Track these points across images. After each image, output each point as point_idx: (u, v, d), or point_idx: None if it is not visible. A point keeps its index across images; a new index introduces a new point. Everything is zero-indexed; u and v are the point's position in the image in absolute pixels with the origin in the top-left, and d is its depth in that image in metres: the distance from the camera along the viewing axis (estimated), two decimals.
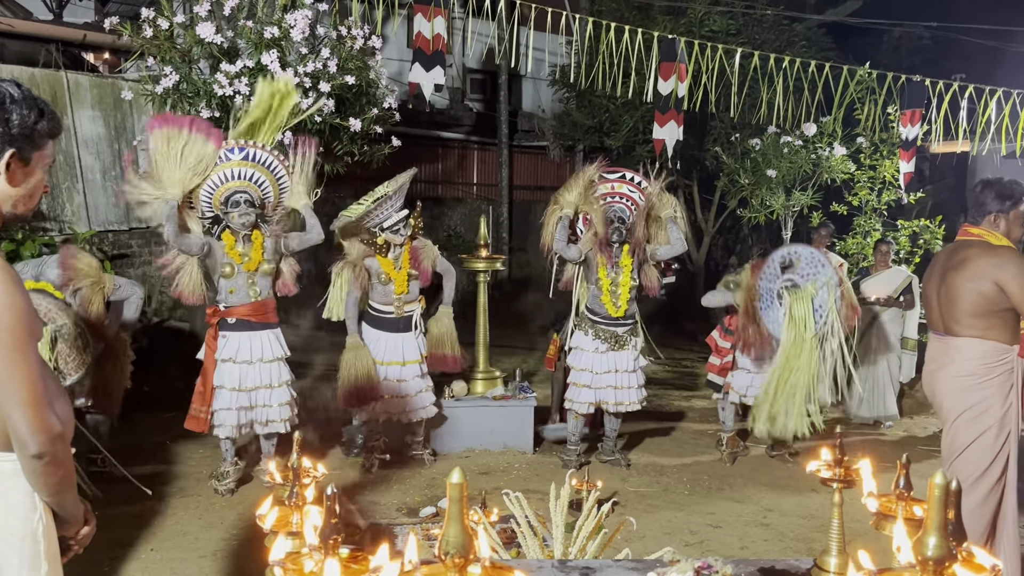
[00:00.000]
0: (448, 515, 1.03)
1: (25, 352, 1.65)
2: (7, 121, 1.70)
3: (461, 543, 1.02)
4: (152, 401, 6.32)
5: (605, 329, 5.48)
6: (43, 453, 1.65)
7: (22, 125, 1.71)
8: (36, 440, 1.64)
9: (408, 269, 5.39)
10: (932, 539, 1.07)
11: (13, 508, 1.73)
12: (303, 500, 1.57)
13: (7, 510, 1.73)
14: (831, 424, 7.13)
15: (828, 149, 8.85)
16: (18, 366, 1.63)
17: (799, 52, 9.68)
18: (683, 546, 4.34)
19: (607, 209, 5.45)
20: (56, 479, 1.72)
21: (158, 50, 5.70)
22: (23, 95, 1.73)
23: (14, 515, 1.73)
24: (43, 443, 1.65)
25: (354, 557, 1.22)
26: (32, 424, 1.63)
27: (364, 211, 5.21)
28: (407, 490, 5.08)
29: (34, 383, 1.65)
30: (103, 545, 4.04)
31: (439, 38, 7.53)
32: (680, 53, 7.77)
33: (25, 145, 1.74)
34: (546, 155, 14.31)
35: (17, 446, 1.67)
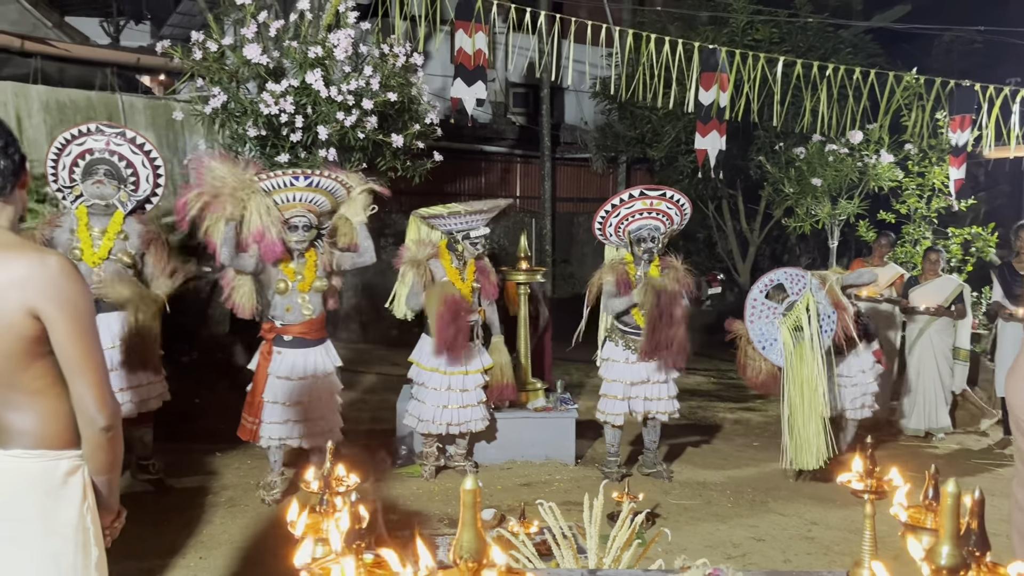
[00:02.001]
0: (461, 520, 1.06)
1: (95, 337, 1.87)
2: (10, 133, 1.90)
3: (474, 548, 1.05)
4: (201, 412, 6.48)
5: (636, 339, 5.47)
6: (110, 426, 1.86)
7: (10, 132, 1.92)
8: (104, 414, 1.85)
9: (472, 281, 5.46)
10: (945, 548, 1.06)
11: (69, 501, 1.89)
12: (333, 507, 1.62)
13: (65, 504, 1.89)
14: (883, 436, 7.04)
15: (875, 156, 8.72)
16: (90, 349, 1.85)
17: (845, 59, 9.58)
18: (725, 559, 4.30)
19: (642, 226, 5.44)
20: (115, 455, 1.93)
21: (207, 71, 5.87)
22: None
23: (70, 508, 1.90)
24: (109, 416, 1.86)
25: (378, 563, 1.26)
26: (100, 400, 1.84)
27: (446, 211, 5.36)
28: (449, 501, 5.12)
29: (102, 364, 1.87)
30: (154, 553, 4.16)
31: (480, 53, 7.62)
32: (721, 63, 7.74)
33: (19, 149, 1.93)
34: (589, 167, 14.33)
35: (86, 422, 1.86)
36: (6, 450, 1.86)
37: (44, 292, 1.78)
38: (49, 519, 1.86)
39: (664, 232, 5.46)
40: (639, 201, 5.42)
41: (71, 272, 1.82)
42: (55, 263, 1.81)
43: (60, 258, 1.83)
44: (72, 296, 1.81)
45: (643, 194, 5.46)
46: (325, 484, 1.63)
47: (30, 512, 1.85)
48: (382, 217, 11.54)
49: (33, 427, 1.85)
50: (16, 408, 1.85)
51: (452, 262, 5.44)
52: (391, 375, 8.40)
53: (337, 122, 5.74)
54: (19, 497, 1.85)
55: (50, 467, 1.86)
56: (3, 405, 1.86)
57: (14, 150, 1.88)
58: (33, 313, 1.79)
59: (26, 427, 1.85)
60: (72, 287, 1.81)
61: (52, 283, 1.79)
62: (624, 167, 14.35)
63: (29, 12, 10.00)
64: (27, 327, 1.80)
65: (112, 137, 4.90)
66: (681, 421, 6.75)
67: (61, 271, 1.80)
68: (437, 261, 5.43)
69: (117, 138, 4.91)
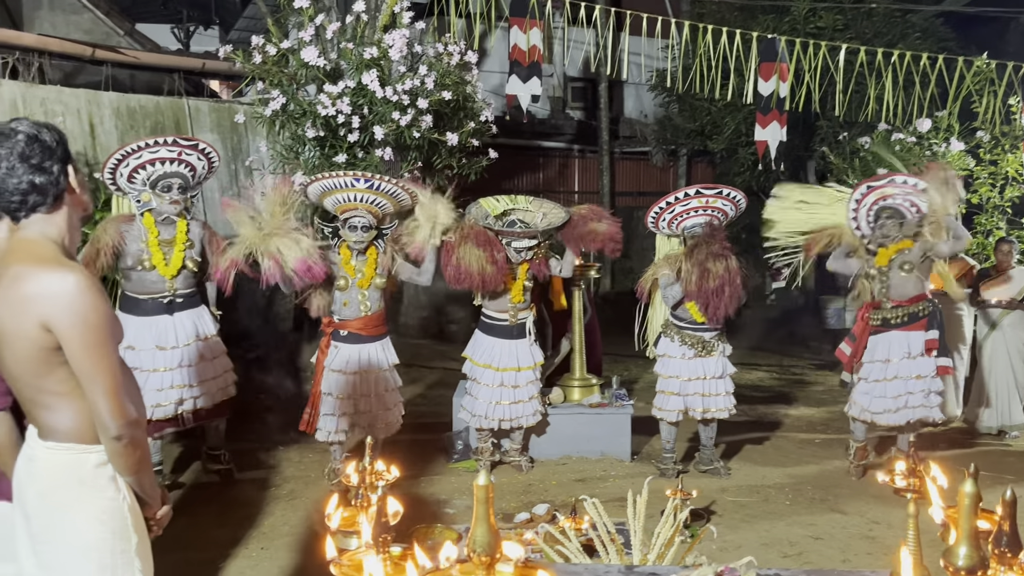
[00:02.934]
0: (475, 515, 1.09)
1: (108, 349, 1.94)
2: (50, 147, 1.96)
3: (488, 543, 1.08)
4: (265, 406, 6.66)
5: (692, 335, 5.42)
6: (122, 435, 1.93)
7: (57, 144, 1.98)
8: (116, 424, 1.92)
9: (524, 280, 5.49)
10: (963, 549, 1.04)
11: (101, 492, 2.00)
12: (368, 502, 1.67)
13: (97, 494, 2.00)
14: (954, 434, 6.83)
15: (944, 145, 8.42)
16: (102, 361, 1.92)
17: (913, 44, 9.29)
18: (781, 557, 4.25)
19: (697, 223, 5.38)
20: (134, 459, 1.99)
21: (267, 75, 6.03)
22: (33, 124, 1.97)
23: (103, 498, 2.00)
24: (121, 426, 1.92)
25: (404, 555, 1.30)
26: (112, 411, 1.91)
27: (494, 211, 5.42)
28: (503, 495, 5.16)
29: (114, 375, 1.94)
30: (218, 543, 4.31)
31: (535, 49, 7.64)
32: (780, 52, 7.59)
33: (68, 155, 2.01)
34: (648, 160, 14.21)
35: (101, 431, 1.94)
36: (44, 442, 1.99)
37: (58, 308, 1.87)
38: (87, 507, 1.97)
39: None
40: (695, 200, 5.38)
41: (87, 289, 1.90)
42: (72, 281, 1.89)
43: (79, 275, 1.91)
44: (84, 312, 1.88)
45: (699, 193, 5.42)
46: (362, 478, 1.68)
47: (70, 500, 1.97)
48: None
49: (62, 424, 1.97)
50: (45, 407, 1.97)
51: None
52: (449, 369, 8.49)
53: (393, 122, 5.82)
54: (58, 485, 1.97)
55: (81, 459, 1.97)
56: (34, 404, 1.99)
57: (51, 163, 1.94)
58: (47, 327, 1.89)
59: (56, 424, 1.97)
60: (85, 303, 1.89)
61: (66, 300, 1.88)
62: (684, 160, 14.19)
63: (102, 21, 10.40)
64: (44, 340, 1.90)
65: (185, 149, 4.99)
66: (740, 417, 6.67)
67: (77, 288, 1.89)
68: None
69: (188, 150, 5.01)
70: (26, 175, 1.91)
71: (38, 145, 1.93)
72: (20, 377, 1.97)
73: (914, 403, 5.35)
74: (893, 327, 5.36)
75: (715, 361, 5.44)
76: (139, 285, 4.84)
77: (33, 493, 2.00)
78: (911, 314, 5.36)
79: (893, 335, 5.36)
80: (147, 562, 2.09)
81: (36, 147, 1.92)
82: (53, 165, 1.95)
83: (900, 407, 5.33)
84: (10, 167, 1.90)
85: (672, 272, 5.39)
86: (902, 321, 5.36)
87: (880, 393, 5.38)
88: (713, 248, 5.24)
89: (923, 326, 5.36)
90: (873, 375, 5.40)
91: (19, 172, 1.91)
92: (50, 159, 1.94)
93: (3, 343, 1.95)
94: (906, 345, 5.35)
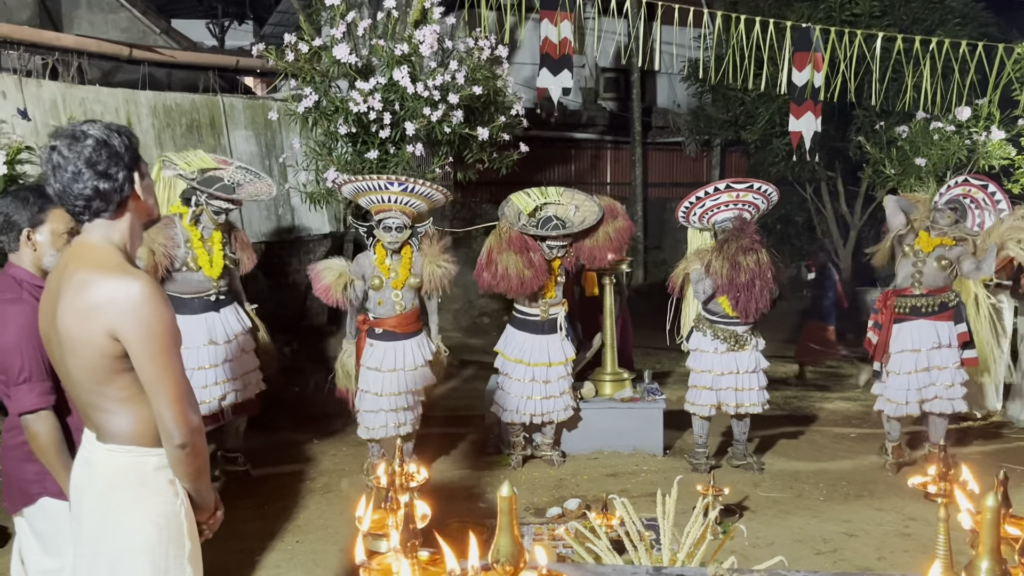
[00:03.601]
0: (499, 525, 1.11)
1: (173, 357, 1.95)
2: (119, 152, 1.96)
3: (511, 552, 1.10)
4: (300, 401, 6.74)
5: (724, 329, 5.39)
6: (186, 443, 1.95)
7: (127, 149, 1.98)
8: (180, 432, 1.94)
9: (557, 275, 5.49)
10: (984, 563, 1.04)
11: (160, 495, 2.03)
12: (397, 504, 1.69)
13: (156, 497, 2.03)
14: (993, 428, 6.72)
15: (985, 133, 8.24)
16: (168, 369, 1.93)
17: (952, 31, 9.10)
18: (814, 554, 4.22)
19: (728, 218, 5.35)
20: (195, 467, 2.02)
21: (299, 71, 6.08)
22: (106, 127, 1.98)
23: (162, 501, 2.03)
24: (186, 435, 1.95)
25: (433, 560, 1.32)
26: (177, 418, 1.93)
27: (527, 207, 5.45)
28: (535, 490, 5.18)
29: (179, 383, 1.96)
30: (254, 536, 4.39)
31: (566, 42, 7.60)
32: (815, 41, 7.48)
33: (137, 163, 2.02)
34: (682, 151, 14.09)
35: (164, 438, 1.97)
36: (105, 444, 2.02)
37: (125, 317, 1.89)
38: (143, 510, 2.00)
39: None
40: (725, 194, 5.35)
41: (153, 297, 1.92)
42: (138, 289, 1.90)
43: (144, 283, 1.92)
44: (150, 320, 1.90)
45: (729, 187, 5.38)
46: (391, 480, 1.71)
47: (128, 502, 1.99)
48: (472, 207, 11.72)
49: (123, 427, 1.99)
50: (106, 411, 2.00)
51: None
52: (483, 363, 8.52)
53: (424, 117, 5.85)
54: (117, 487, 2.00)
55: (141, 462, 2.00)
56: (95, 408, 2.01)
57: (117, 170, 1.94)
58: (113, 335, 1.90)
59: (117, 427, 2.00)
60: (151, 311, 1.91)
61: (133, 308, 1.89)
62: (718, 150, 14.06)
63: (139, 19, 10.56)
64: (109, 348, 1.92)
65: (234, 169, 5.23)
66: (774, 411, 6.63)
67: (143, 296, 1.90)
68: None
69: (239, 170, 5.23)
70: (91, 181, 1.91)
71: (106, 151, 1.93)
72: (83, 383, 1.99)
73: (939, 394, 5.33)
74: (923, 315, 5.33)
75: (748, 355, 5.41)
76: (184, 285, 4.94)
77: (91, 495, 2.03)
78: (942, 303, 5.36)
79: (922, 323, 5.33)
80: (198, 569, 2.10)
81: (104, 152, 1.92)
82: (119, 172, 1.95)
83: (925, 398, 5.32)
84: (76, 171, 1.91)
85: (702, 266, 5.36)
86: (933, 310, 5.33)
87: (907, 385, 5.34)
88: (743, 242, 5.20)
89: (950, 317, 5.36)
90: (904, 367, 5.34)
91: (85, 177, 1.91)
92: (116, 165, 1.95)
93: (67, 349, 1.97)
94: (935, 334, 5.32)
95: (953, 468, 1.78)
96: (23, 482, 2.66)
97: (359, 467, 5.39)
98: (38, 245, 2.65)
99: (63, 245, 2.68)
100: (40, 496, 2.63)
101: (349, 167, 6.09)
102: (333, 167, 6.07)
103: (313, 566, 4.11)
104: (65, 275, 1.96)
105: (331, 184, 5.98)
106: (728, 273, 5.19)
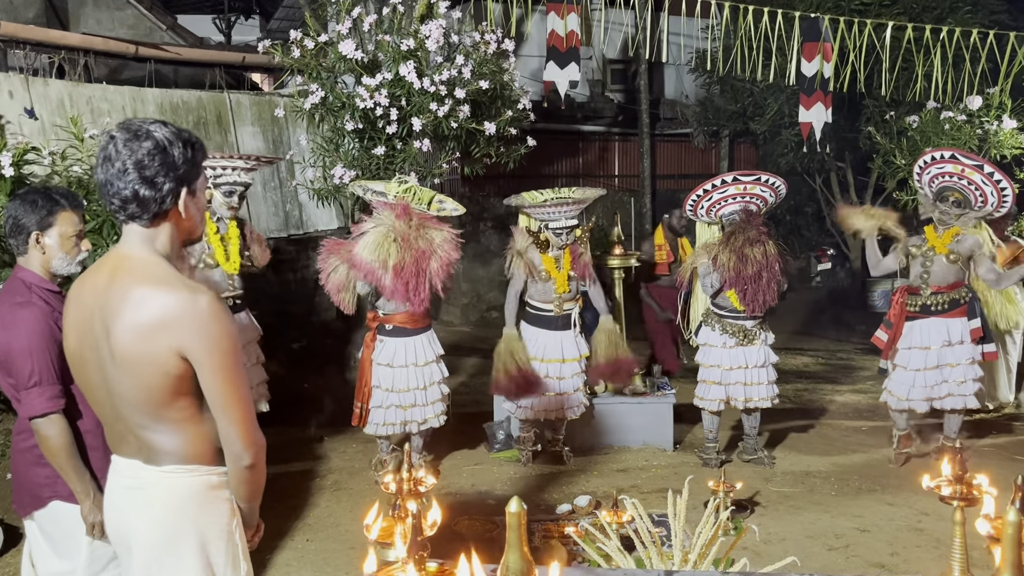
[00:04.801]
0: (508, 542, 1.09)
1: (240, 375, 1.87)
2: (174, 164, 1.85)
3: (520, 569, 1.08)
4: (310, 397, 6.75)
5: (733, 323, 5.36)
6: (254, 464, 1.89)
7: (185, 162, 1.88)
8: (249, 453, 1.88)
9: (569, 270, 5.45)
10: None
11: (220, 516, 1.97)
12: (405, 512, 1.67)
13: (216, 518, 1.96)
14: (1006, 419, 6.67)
15: (996, 123, 8.17)
16: (236, 387, 1.86)
17: (962, 19, 9.01)
18: (826, 550, 4.19)
19: (735, 211, 5.31)
20: (257, 487, 1.97)
21: (306, 68, 6.06)
22: (175, 134, 1.88)
23: (221, 522, 1.97)
24: (254, 455, 1.89)
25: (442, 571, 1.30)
26: (245, 439, 1.87)
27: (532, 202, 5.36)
28: (545, 486, 5.17)
29: (247, 402, 1.88)
30: (265, 534, 4.37)
31: (572, 35, 7.55)
32: (824, 31, 7.41)
33: (191, 179, 1.91)
34: (690, 142, 14.03)
35: (232, 458, 1.90)
36: (159, 467, 1.92)
37: (193, 334, 1.79)
38: (203, 530, 1.93)
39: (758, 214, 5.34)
40: (732, 187, 5.30)
41: (219, 312, 1.83)
42: (205, 304, 1.81)
43: (210, 298, 1.83)
44: (219, 337, 1.81)
45: (736, 180, 5.33)
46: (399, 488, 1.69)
47: (186, 524, 1.92)
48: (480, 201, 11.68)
49: (182, 447, 1.91)
50: (163, 432, 1.90)
51: (549, 250, 5.45)
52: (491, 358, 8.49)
53: (431, 112, 5.82)
54: (176, 510, 1.92)
55: (202, 481, 1.93)
56: (151, 430, 1.90)
57: (165, 180, 1.84)
58: (181, 354, 1.81)
59: (175, 447, 1.91)
60: (220, 328, 1.82)
61: (201, 325, 1.80)
62: (727, 142, 13.98)
63: (145, 16, 10.56)
64: (175, 366, 1.82)
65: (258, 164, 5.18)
66: (785, 404, 6.61)
67: (211, 312, 1.81)
68: (535, 249, 5.44)
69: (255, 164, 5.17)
70: (134, 184, 1.81)
71: (160, 157, 1.83)
72: (140, 403, 1.87)
73: (951, 391, 5.28)
74: (933, 313, 5.28)
75: (757, 350, 5.38)
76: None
77: (145, 521, 1.93)
78: (952, 300, 5.29)
79: (932, 321, 5.28)
80: None
81: (158, 159, 1.82)
82: (166, 183, 1.84)
83: (936, 396, 5.27)
84: (123, 168, 1.81)
85: (709, 260, 5.33)
86: (943, 308, 5.28)
87: (917, 382, 5.30)
88: (750, 234, 5.17)
89: (963, 313, 5.28)
90: (913, 363, 5.30)
91: (129, 178, 1.81)
92: (166, 176, 1.84)
93: (125, 370, 1.85)
94: (945, 332, 5.26)
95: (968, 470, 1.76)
96: (34, 485, 2.66)
97: (369, 464, 5.38)
98: (47, 248, 2.65)
99: (72, 248, 2.68)
100: (51, 499, 2.64)
101: (356, 163, 6.08)
102: (340, 163, 6.06)
103: (324, 565, 4.11)
104: (114, 291, 1.84)
105: (338, 180, 5.97)
106: (735, 265, 5.16)
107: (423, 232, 4.84)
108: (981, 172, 5.12)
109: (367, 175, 5.94)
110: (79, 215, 2.71)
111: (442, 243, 4.86)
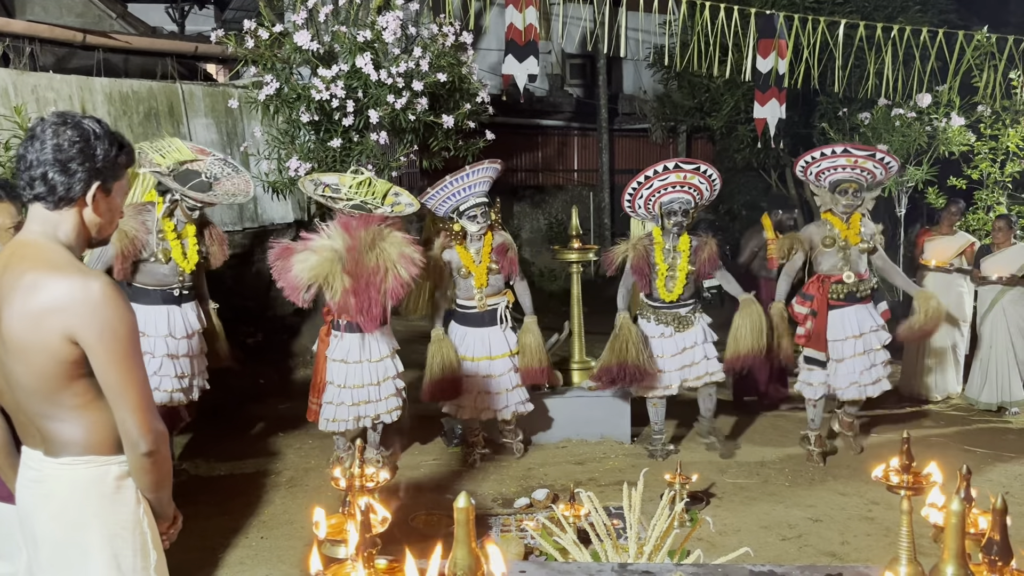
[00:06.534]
0: (456, 537, 1.08)
1: (136, 360, 1.85)
2: (93, 156, 1.85)
3: (468, 564, 1.07)
4: (265, 393, 6.66)
5: (667, 313, 5.43)
6: (152, 451, 1.86)
7: (105, 158, 1.87)
8: (146, 440, 1.84)
9: (488, 263, 5.36)
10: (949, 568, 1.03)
11: (124, 506, 1.93)
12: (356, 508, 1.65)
13: (119, 508, 1.93)
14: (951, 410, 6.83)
15: (945, 120, 8.35)
16: (131, 373, 1.83)
17: (913, 18, 9.16)
18: (780, 540, 4.26)
19: (674, 199, 5.34)
20: (160, 475, 1.93)
21: (260, 59, 5.96)
22: (104, 131, 1.88)
23: (124, 512, 1.93)
24: (152, 442, 1.85)
25: (391, 568, 1.29)
26: (143, 426, 1.83)
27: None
28: (503, 480, 5.17)
29: (143, 388, 1.86)
30: (217, 532, 4.32)
31: (531, 28, 7.54)
32: (779, 28, 7.50)
33: (108, 177, 1.90)
34: (648, 137, 14.12)
35: (129, 446, 1.86)
36: (56, 459, 1.89)
37: (84, 319, 1.77)
38: (107, 522, 1.89)
39: (695, 206, 5.38)
40: (673, 174, 5.31)
41: (113, 297, 1.80)
42: (97, 289, 1.79)
43: (103, 283, 1.81)
44: (112, 322, 1.79)
45: (678, 167, 5.34)
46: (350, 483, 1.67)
47: (89, 516, 1.88)
48: None
49: (80, 436, 1.88)
50: (61, 420, 1.87)
51: (467, 245, 5.34)
52: None
53: (388, 105, 5.77)
54: (76, 503, 1.88)
55: (101, 472, 1.89)
56: (48, 418, 1.87)
57: (79, 169, 1.84)
58: (72, 339, 1.78)
59: (73, 437, 1.88)
60: (113, 313, 1.79)
61: (92, 309, 1.78)
62: (684, 137, 14.08)
63: (94, 3, 10.29)
64: (66, 352, 1.79)
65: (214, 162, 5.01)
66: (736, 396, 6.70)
67: (103, 297, 1.79)
68: (452, 249, 5.33)
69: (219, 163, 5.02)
70: (47, 164, 1.82)
71: (80, 146, 1.83)
72: (35, 391, 1.86)
73: (881, 374, 5.44)
74: (858, 300, 5.40)
75: (694, 332, 5.45)
76: (149, 276, 4.79)
77: (46, 516, 1.90)
78: (873, 288, 5.50)
79: (858, 309, 5.40)
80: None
81: (77, 147, 1.83)
82: (79, 172, 1.84)
83: (868, 381, 5.39)
84: (41, 148, 1.82)
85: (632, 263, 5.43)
86: (865, 294, 5.43)
87: (851, 368, 5.39)
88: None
89: (871, 299, 5.49)
90: (847, 352, 5.38)
91: (45, 156, 1.81)
92: (80, 164, 1.84)
93: (16, 356, 1.83)
94: (870, 318, 5.43)
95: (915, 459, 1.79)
96: None
97: (326, 461, 5.32)
98: None
99: (8, 240, 2.59)
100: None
101: (312, 156, 6.00)
102: (295, 156, 5.98)
103: (278, 562, 4.06)
104: (7, 276, 1.83)
105: (293, 173, 5.89)
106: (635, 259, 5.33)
107: (379, 247, 4.62)
108: (873, 159, 5.29)
109: (323, 168, 5.87)
110: (17, 207, 2.64)
111: (399, 259, 4.63)
